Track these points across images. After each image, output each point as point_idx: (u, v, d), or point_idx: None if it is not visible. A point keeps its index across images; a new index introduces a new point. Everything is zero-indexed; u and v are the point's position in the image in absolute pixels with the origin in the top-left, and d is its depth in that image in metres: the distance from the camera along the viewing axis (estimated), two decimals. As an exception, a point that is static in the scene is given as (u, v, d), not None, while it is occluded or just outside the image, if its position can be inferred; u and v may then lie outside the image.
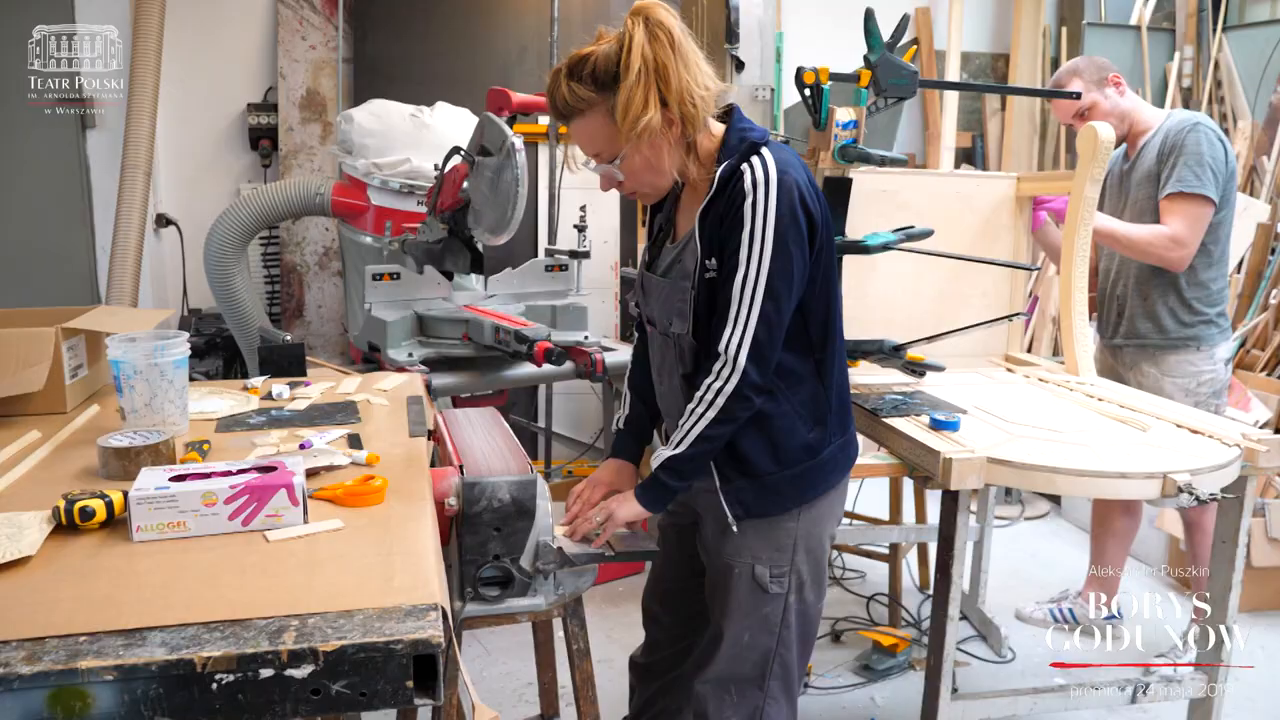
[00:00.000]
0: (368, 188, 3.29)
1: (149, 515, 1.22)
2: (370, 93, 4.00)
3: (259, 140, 4.45)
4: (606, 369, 2.82)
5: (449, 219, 2.88)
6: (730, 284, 1.58)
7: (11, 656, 0.95)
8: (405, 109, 3.42)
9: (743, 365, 1.58)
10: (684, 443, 1.64)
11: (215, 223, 3.44)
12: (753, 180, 1.56)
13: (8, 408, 1.81)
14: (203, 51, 4.40)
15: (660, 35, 1.53)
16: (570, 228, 3.44)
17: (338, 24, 4.43)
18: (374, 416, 1.86)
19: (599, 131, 1.60)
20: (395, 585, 1.10)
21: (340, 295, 4.48)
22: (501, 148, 2.65)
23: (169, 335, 1.71)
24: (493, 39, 4.55)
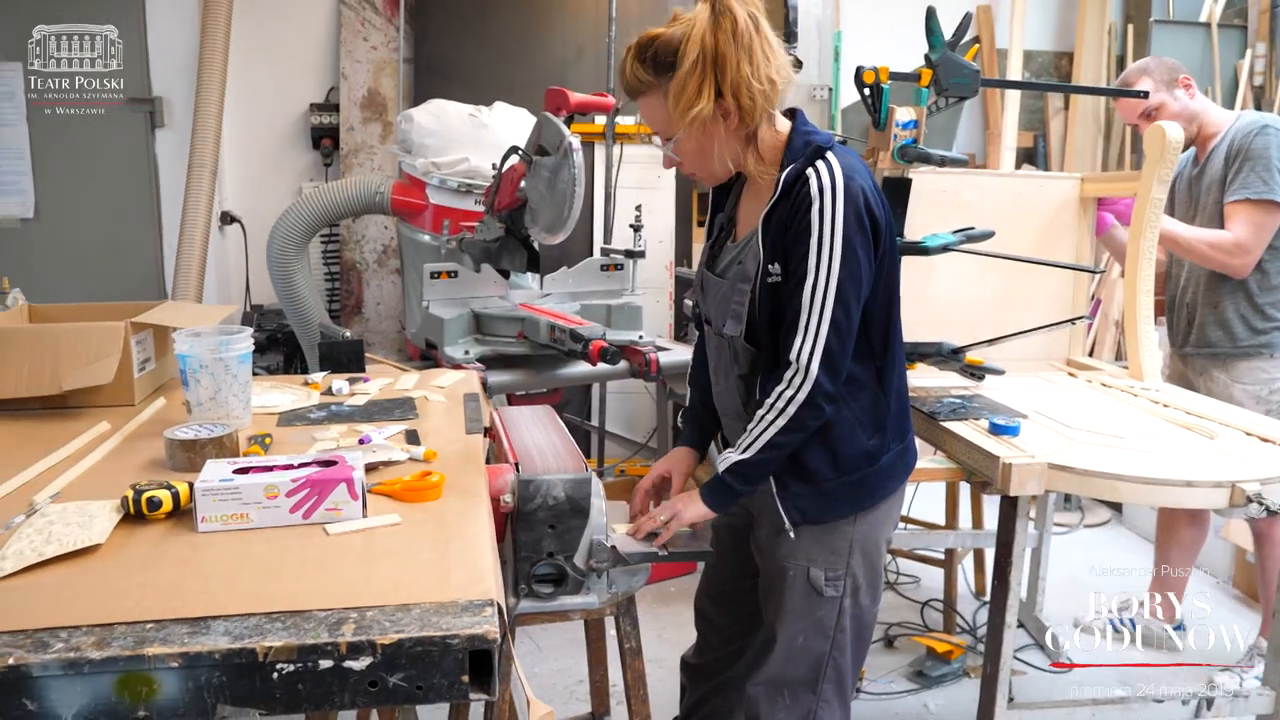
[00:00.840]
0: (426, 186, 3.32)
1: (213, 507, 1.25)
2: (430, 93, 4.04)
3: (321, 139, 4.53)
4: (661, 369, 2.82)
5: (506, 218, 2.90)
6: (799, 292, 1.57)
7: (82, 641, 0.98)
8: (464, 109, 3.45)
9: (815, 374, 1.57)
10: (752, 448, 1.63)
11: (278, 221, 3.50)
12: (819, 186, 1.54)
13: (79, 399, 1.86)
14: (267, 53, 4.48)
15: (724, 23, 1.52)
16: (626, 227, 3.45)
17: (399, 25, 4.49)
18: (431, 413, 1.88)
19: (657, 113, 1.62)
20: (452, 581, 1.11)
21: (398, 292, 4.54)
22: (559, 147, 2.66)
23: (233, 330, 1.75)
24: (550, 39, 4.57)
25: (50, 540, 1.18)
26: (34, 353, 1.84)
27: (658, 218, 4.30)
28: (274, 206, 3.99)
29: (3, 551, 1.17)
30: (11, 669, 0.94)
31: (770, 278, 1.61)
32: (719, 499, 1.71)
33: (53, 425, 1.77)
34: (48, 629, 1.00)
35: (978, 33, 5.12)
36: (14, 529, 1.24)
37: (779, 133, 1.65)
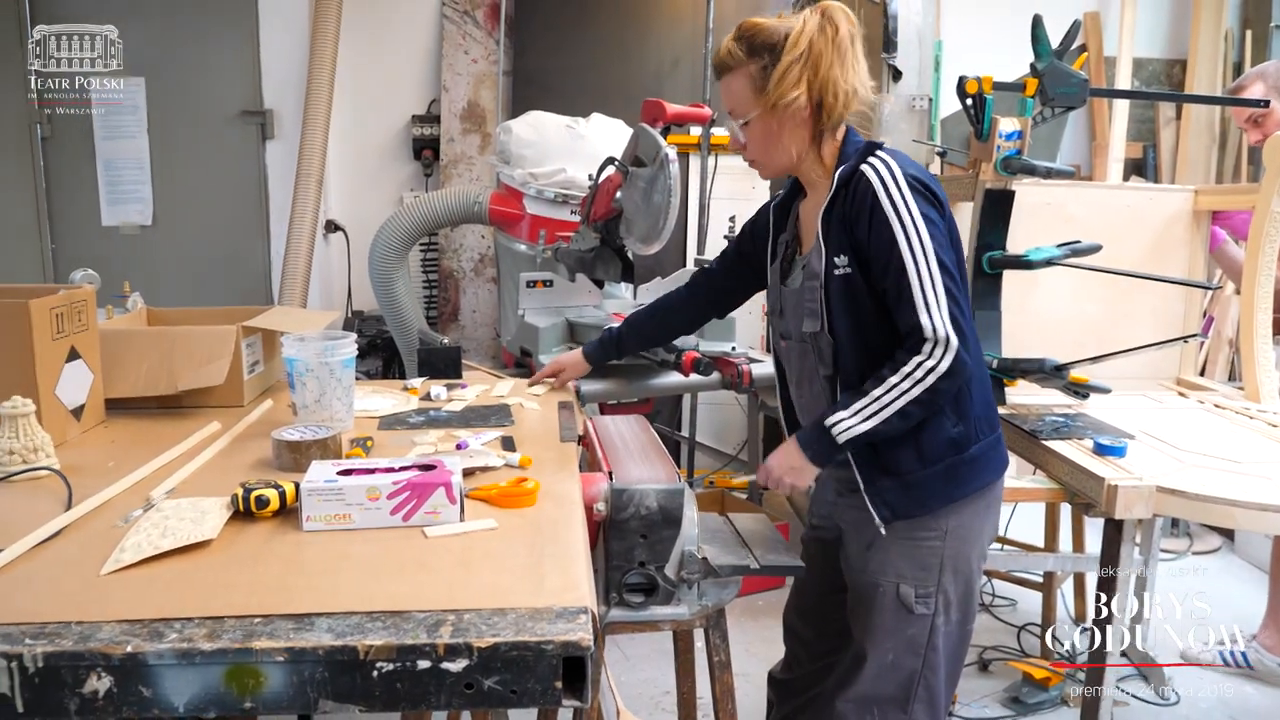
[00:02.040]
0: (524, 197, 3.37)
1: (318, 506, 1.28)
2: (528, 104, 4.10)
3: (421, 150, 4.63)
4: (754, 381, 2.80)
5: (601, 228, 2.92)
6: (903, 275, 1.56)
7: (194, 633, 1.02)
8: (561, 120, 3.49)
9: (955, 343, 1.55)
10: (877, 416, 1.59)
11: (380, 229, 3.59)
12: (878, 177, 1.60)
13: (192, 399, 1.94)
14: (372, 66, 4.61)
15: (828, 29, 1.61)
16: (719, 238, 3.44)
17: (499, 38, 4.57)
18: (526, 420, 1.91)
19: (739, 91, 1.69)
20: (547, 587, 1.12)
21: (494, 300, 4.62)
22: (655, 158, 2.67)
23: (338, 336, 1.80)
24: (646, 51, 4.60)
25: (166, 534, 1.23)
26: (151, 354, 1.93)
27: (751, 229, 4.28)
28: (376, 215, 4.10)
29: (122, 544, 1.22)
30: (129, 656, 0.99)
31: (838, 269, 1.64)
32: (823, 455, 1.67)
33: (168, 424, 1.85)
34: (163, 619, 1.04)
35: (1084, 40, 4.97)
36: (132, 522, 1.30)
37: (837, 143, 1.72)
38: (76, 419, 1.78)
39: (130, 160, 4.47)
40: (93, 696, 0.99)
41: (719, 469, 4.43)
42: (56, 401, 1.71)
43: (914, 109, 4.72)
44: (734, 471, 4.33)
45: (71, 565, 1.19)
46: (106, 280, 2.44)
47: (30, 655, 0.98)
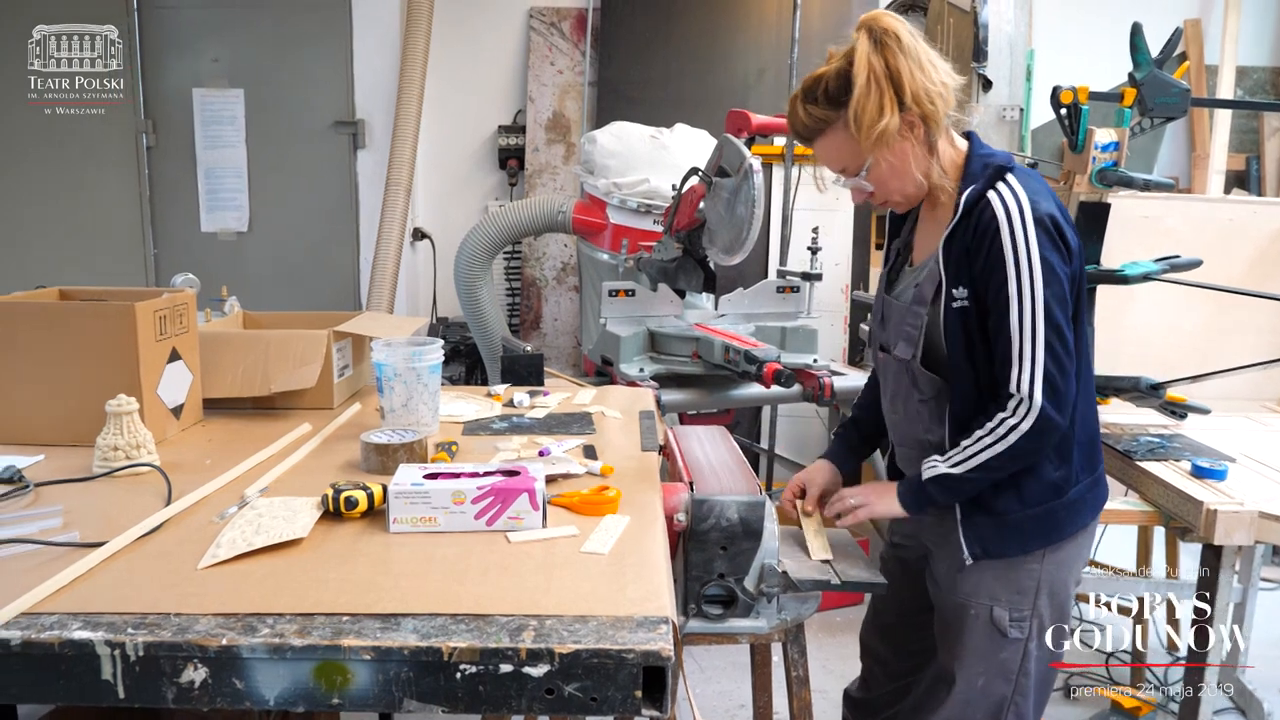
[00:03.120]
0: (607, 206, 3.40)
1: (405, 509, 1.31)
2: (612, 115, 4.14)
3: (507, 160, 4.70)
4: (835, 393, 2.77)
5: (684, 238, 2.93)
6: (1006, 321, 1.52)
7: (286, 628, 1.04)
8: (645, 130, 3.51)
9: (1040, 402, 1.51)
10: (963, 465, 1.58)
11: (465, 238, 3.65)
12: (1005, 210, 1.51)
13: (284, 400, 2.00)
14: (460, 78, 4.70)
15: (887, 41, 1.53)
16: (802, 249, 3.42)
17: (584, 49, 4.62)
18: (607, 429, 1.92)
19: (841, 147, 1.60)
20: (628, 595, 1.12)
21: (575, 309, 4.65)
22: (739, 169, 2.67)
23: (425, 342, 1.83)
24: (731, 61, 4.60)
25: (259, 531, 1.27)
26: (247, 356, 1.99)
27: (835, 240, 4.25)
28: (462, 224, 4.17)
29: (218, 539, 1.26)
30: (224, 649, 1.02)
31: (956, 302, 1.58)
32: (913, 501, 1.66)
33: (261, 424, 1.90)
34: (255, 614, 1.07)
35: (1184, 48, 4.82)
36: (227, 519, 1.34)
37: (958, 150, 1.64)
38: (176, 418, 1.85)
39: (229, 169, 4.63)
40: (189, 686, 1.03)
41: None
42: (158, 400, 1.78)
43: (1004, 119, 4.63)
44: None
45: (170, 559, 1.23)
46: (204, 284, 2.52)
47: (132, 644, 1.02)
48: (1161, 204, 2.63)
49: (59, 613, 1.08)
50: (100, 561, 1.21)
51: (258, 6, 4.53)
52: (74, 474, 1.58)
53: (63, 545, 1.25)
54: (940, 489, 1.62)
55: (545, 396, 2.13)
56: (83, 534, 1.29)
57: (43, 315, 1.77)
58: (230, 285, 2.59)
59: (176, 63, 4.57)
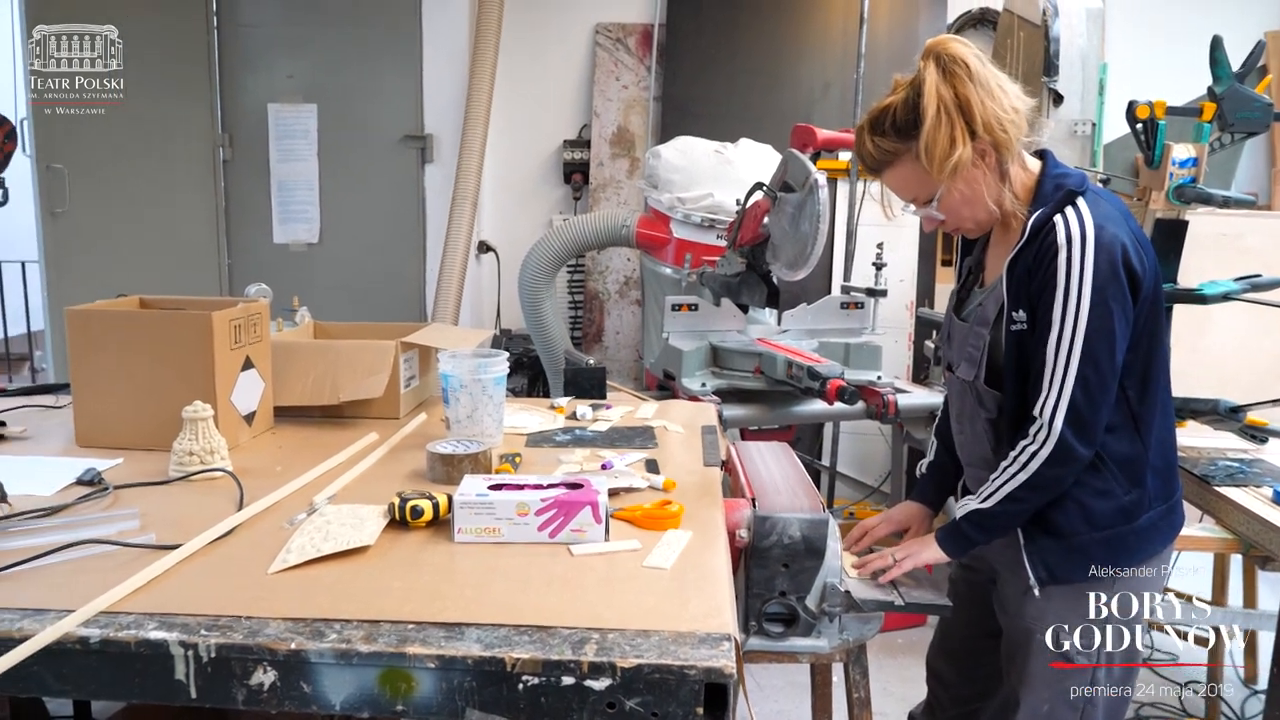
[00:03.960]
0: (670, 221, 3.40)
1: (470, 519, 1.32)
2: (677, 129, 4.15)
3: (571, 174, 4.74)
4: (899, 411, 2.74)
5: (748, 253, 2.92)
6: (1044, 344, 1.50)
7: (353, 635, 1.06)
8: (710, 145, 3.51)
9: (1059, 431, 1.49)
10: (992, 498, 1.57)
11: (530, 251, 3.69)
12: (1066, 235, 1.48)
13: (351, 410, 2.03)
14: (527, 93, 4.75)
15: (956, 70, 1.50)
16: (867, 265, 3.39)
17: (649, 64, 4.65)
18: (669, 443, 1.92)
19: (911, 178, 1.59)
20: (690, 611, 1.12)
21: (637, 323, 4.67)
22: (804, 184, 2.65)
23: (490, 354, 1.85)
24: (797, 76, 4.58)
25: (328, 538, 1.29)
26: (317, 365, 2.03)
27: (900, 256, 4.20)
28: (526, 237, 4.21)
29: (288, 545, 1.29)
30: (293, 653, 1.04)
31: (1015, 325, 1.56)
32: (954, 544, 1.66)
33: (329, 432, 1.94)
34: (323, 619, 1.09)
35: (1266, 61, 4.68)
36: (297, 525, 1.37)
37: (1029, 173, 1.61)
38: (248, 424, 1.89)
39: (301, 182, 4.74)
40: (258, 689, 1.05)
41: (860, 500, 4.34)
42: (231, 407, 1.82)
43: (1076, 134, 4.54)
44: (876, 503, 4.24)
45: (242, 562, 1.26)
46: (275, 294, 2.58)
47: (204, 646, 1.04)
48: (1241, 221, 2.57)
49: (136, 613, 1.11)
50: (175, 563, 1.24)
51: (332, 24, 4.63)
52: (151, 477, 1.62)
53: (140, 546, 1.29)
54: (974, 526, 1.61)
55: (608, 410, 2.14)
56: (159, 536, 1.32)
57: (124, 323, 1.83)
58: (300, 295, 2.65)
59: (253, 79, 4.70)
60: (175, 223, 4.66)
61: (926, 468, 1.93)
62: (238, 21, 4.65)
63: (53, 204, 4.00)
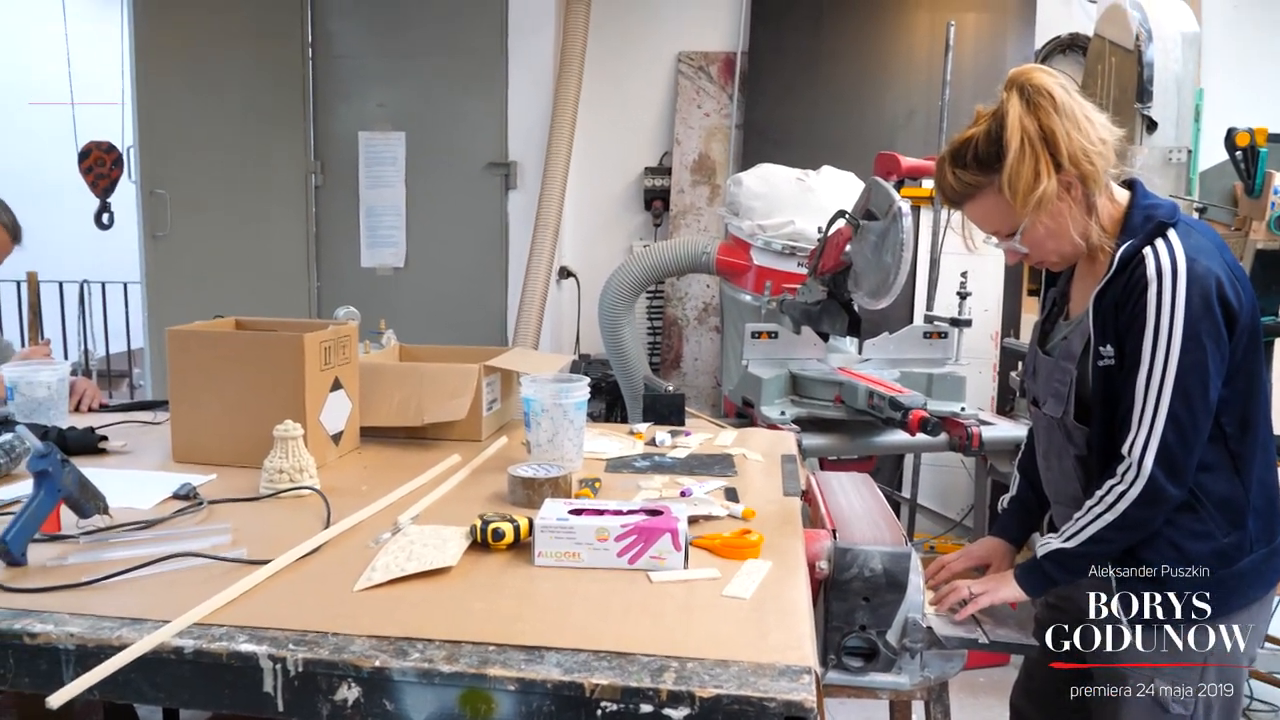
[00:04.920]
0: (751, 248, 3.40)
1: (550, 543, 1.33)
2: (758, 157, 4.15)
3: (652, 201, 4.77)
4: (983, 443, 2.68)
5: (829, 281, 2.90)
6: (1133, 381, 1.46)
7: (435, 654, 1.07)
8: (791, 173, 3.51)
9: (1149, 470, 1.45)
10: (1076, 538, 1.53)
11: (610, 277, 3.72)
12: (1156, 268, 1.44)
13: (435, 431, 2.07)
14: (609, 121, 4.81)
15: (1040, 101, 1.47)
16: (950, 294, 3.33)
17: (731, 92, 4.66)
18: (748, 471, 1.91)
19: (993, 211, 1.56)
20: (769, 642, 1.11)
21: (715, 349, 4.66)
22: (888, 212, 2.63)
23: (571, 379, 1.87)
24: (881, 103, 4.55)
25: (411, 558, 1.31)
26: (403, 387, 2.07)
27: (984, 285, 4.12)
28: (606, 263, 4.25)
29: (373, 563, 1.31)
30: (377, 670, 1.05)
31: (1102, 360, 1.52)
32: (1033, 583, 1.61)
33: (413, 453, 1.98)
34: (407, 638, 1.11)
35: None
36: (382, 544, 1.40)
37: (1117, 204, 1.56)
38: (335, 444, 1.94)
39: (388, 207, 4.86)
40: (342, 704, 1.07)
41: (940, 534, 4.25)
42: (320, 427, 1.87)
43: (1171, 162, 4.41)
44: (957, 537, 4.14)
45: (328, 579, 1.29)
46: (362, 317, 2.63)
47: (292, 660, 1.07)
48: (1349, 253, 2.46)
49: (227, 625, 1.14)
50: (265, 578, 1.27)
51: (421, 55, 4.75)
52: (242, 493, 1.67)
53: (231, 561, 1.33)
54: (1056, 567, 1.56)
55: (686, 436, 2.14)
56: (249, 551, 1.36)
57: (221, 343, 1.89)
58: (386, 318, 2.71)
59: (344, 108, 4.84)
60: (268, 246, 4.82)
61: (1009, 502, 1.89)
62: (331, 53, 4.81)
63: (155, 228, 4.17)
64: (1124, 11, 3.85)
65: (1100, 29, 4.06)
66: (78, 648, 1.11)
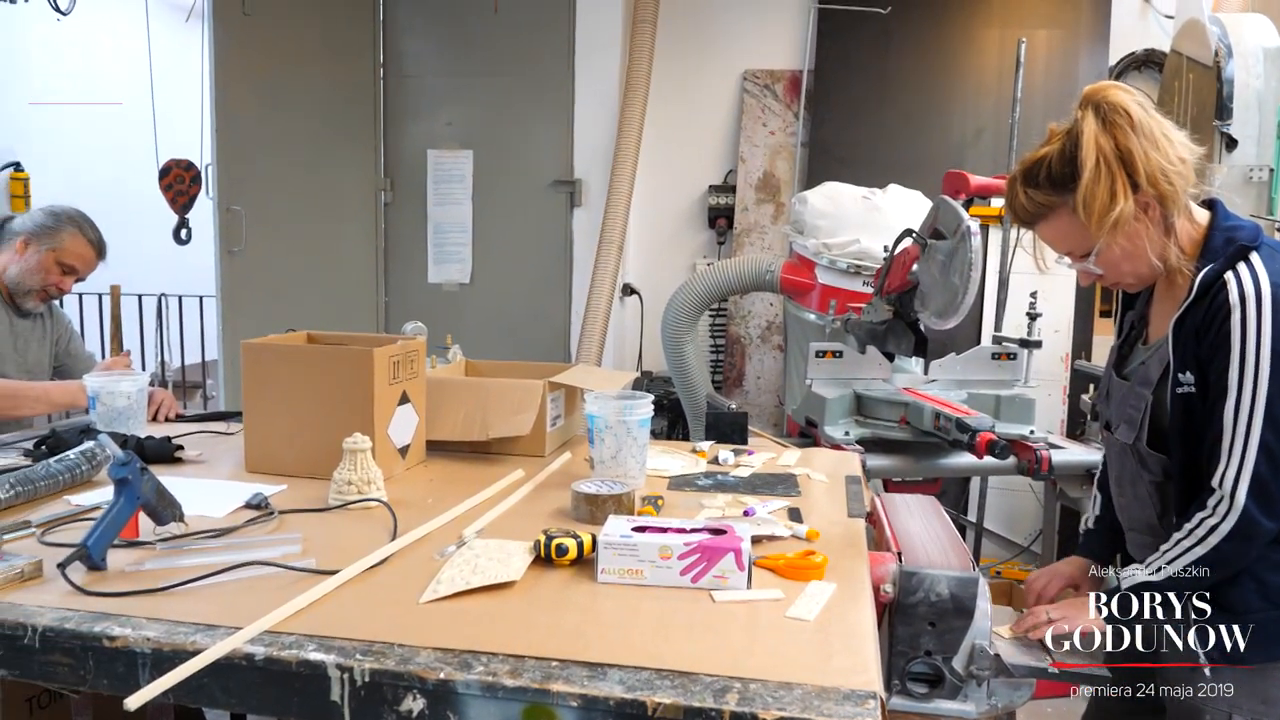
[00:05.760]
0: (816, 266, 3.38)
1: (613, 560, 1.33)
2: (823, 175, 4.13)
3: (716, 219, 4.78)
4: (1053, 467, 2.63)
5: (895, 300, 2.87)
6: (1219, 410, 1.42)
7: (499, 668, 1.08)
8: (857, 191, 3.48)
9: (1242, 504, 1.40)
10: (1162, 571, 1.48)
11: (674, 295, 3.73)
12: (1240, 293, 1.40)
13: (499, 446, 2.08)
14: (674, 139, 4.83)
15: (1117, 119, 1.43)
16: (1020, 314, 3.28)
17: (797, 111, 4.66)
18: (812, 491, 1.89)
19: (1067, 232, 1.53)
20: (834, 665, 1.10)
21: (778, 368, 4.64)
22: (956, 231, 2.60)
23: (636, 396, 1.87)
24: (948, 121, 4.51)
25: (476, 572, 1.33)
26: (468, 402, 2.09)
27: (1055, 306, 4.05)
28: (669, 281, 4.26)
29: (438, 576, 1.33)
30: (442, 683, 1.06)
31: (1181, 387, 1.48)
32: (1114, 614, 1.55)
33: (477, 468, 1.99)
34: (471, 651, 1.12)
35: None
36: (447, 557, 1.41)
37: (1197, 225, 1.52)
38: (402, 457, 1.96)
39: (455, 224, 4.94)
40: (407, 715, 1.08)
41: (1008, 559, 4.17)
42: (388, 440, 1.90)
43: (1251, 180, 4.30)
44: (1025, 563, 4.06)
45: (394, 591, 1.31)
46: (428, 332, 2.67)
47: (359, 670, 1.08)
48: None
49: (296, 633, 1.16)
50: (333, 588, 1.29)
51: (489, 74, 4.83)
52: (312, 504, 1.70)
53: (301, 570, 1.35)
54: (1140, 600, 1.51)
55: (749, 455, 2.13)
56: (318, 561, 1.39)
57: (294, 357, 1.94)
58: (451, 333, 2.74)
59: (414, 126, 4.94)
60: (338, 262, 4.92)
61: (1094, 522, 1.84)
62: (402, 73, 4.91)
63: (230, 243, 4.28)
64: (1202, 26, 3.77)
65: (1177, 44, 3.98)
66: (153, 651, 1.14)
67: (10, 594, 1.27)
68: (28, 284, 2.59)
